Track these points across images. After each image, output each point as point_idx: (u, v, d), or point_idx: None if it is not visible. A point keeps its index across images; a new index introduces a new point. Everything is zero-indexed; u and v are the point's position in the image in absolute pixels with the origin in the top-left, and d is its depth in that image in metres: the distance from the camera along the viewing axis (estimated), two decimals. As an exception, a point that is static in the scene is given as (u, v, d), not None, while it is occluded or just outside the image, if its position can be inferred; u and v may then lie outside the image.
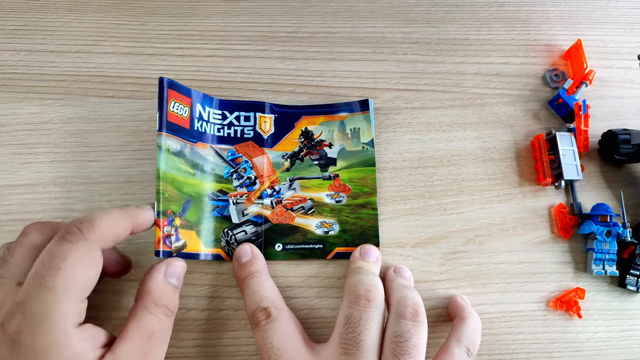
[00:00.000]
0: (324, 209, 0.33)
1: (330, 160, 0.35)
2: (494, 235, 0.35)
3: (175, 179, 0.30)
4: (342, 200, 0.34)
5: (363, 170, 0.34)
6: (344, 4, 0.41)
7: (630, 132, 0.36)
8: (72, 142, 0.34)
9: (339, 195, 0.34)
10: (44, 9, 0.38)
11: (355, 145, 0.35)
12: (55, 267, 0.21)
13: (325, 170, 0.34)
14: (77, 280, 0.21)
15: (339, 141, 0.35)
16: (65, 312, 0.21)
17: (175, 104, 0.30)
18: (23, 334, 0.20)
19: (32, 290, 0.21)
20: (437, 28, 0.41)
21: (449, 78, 0.39)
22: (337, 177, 0.34)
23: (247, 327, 0.31)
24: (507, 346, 0.32)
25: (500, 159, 0.37)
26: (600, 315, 0.34)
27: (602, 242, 0.34)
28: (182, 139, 0.31)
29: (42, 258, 0.22)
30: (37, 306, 0.20)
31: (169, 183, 0.29)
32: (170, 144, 0.30)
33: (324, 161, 0.35)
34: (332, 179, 0.34)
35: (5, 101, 0.35)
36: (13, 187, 0.33)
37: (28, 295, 0.21)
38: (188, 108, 0.32)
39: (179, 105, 0.31)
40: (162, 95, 0.29)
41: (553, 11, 0.42)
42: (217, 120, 0.34)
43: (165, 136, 0.29)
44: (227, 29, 0.39)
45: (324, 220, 0.33)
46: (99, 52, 0.37)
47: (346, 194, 0.34)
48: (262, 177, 0.34)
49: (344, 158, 0.35)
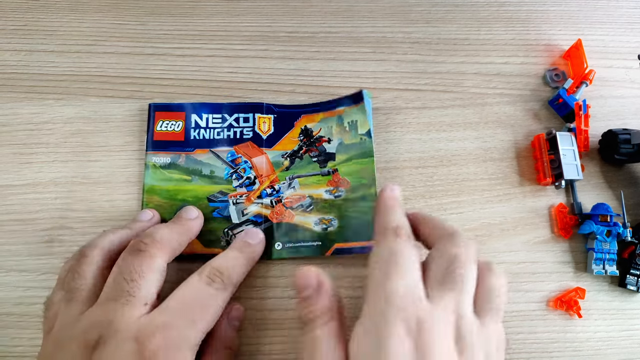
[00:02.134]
0: (323, 205, 0.33)
1: (329, 155, 0.35)
2: (494, 235, 0.35)
3: (164, 189, 0.33)
4: (341, 195, 0.34)
5: (361, 162, 0.34)
6: (344, 3, 0.41)
7: (630, 132, 0.36)
8: (73, 142, 0.34)
9: (338, 190, 0.34)
10: (44, 9, 0.38)
11: (353, 138, 0.35)
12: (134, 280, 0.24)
13: (324, 166, 0.34)
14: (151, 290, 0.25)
15: (338, 135, 0.35)
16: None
17: (164, 124, 0.34)
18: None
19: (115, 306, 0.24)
20: (438, 28, 0.41)
21: (449, 78, 0.39)
22: (335, 172, 0.34)
23: (249, 327, 0.31)
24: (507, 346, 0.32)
25: (501, 159, 0.37)
26: (600, 315, 0.34)
27: (603, 241, 0.34)
28: (173, 152, 0.34)
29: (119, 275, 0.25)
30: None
31: (156, 194, 0.33)
32: (157, 160, 0.33)
33: (322, 157, 0.35)
34: (330, 174, 0.34)
35: (5, 101, 0.35)
36: (13, 187, 0.33)
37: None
38: (182, 122, 0.34)
39: (169, 123, 0.34)
40: (149, 118, 0.34)
41: (553, 11, 0.42)
42: (216, 124, 0.34)
43: (152, 154, 0.33)
44: (227, 29, 0.39)
45: (322, 217, 0.33)
46: (99, 52, 0.37)
47: (345, 189, 0.34)
48: (261, 176, 0.34)
49: (343, 152, 0.35)
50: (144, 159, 0.34)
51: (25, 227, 0.32)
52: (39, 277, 0.31)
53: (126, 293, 0.23)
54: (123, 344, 0.22)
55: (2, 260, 0.31)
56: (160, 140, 0.34)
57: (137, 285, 0.24)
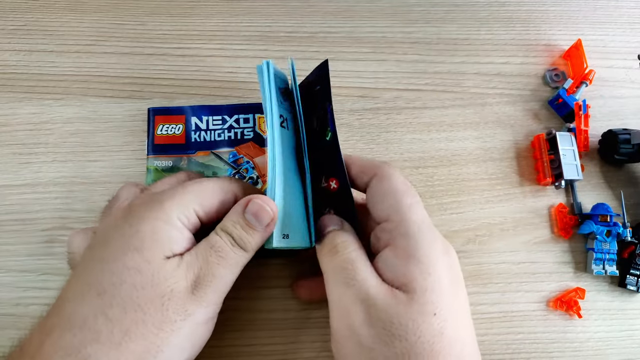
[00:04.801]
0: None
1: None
2: (494, 235, 0.35)
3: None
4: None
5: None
6: (344, 4, 0.41)
7: (630, 132, 0.36)
8: (72, 142, 0.34)
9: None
10: (44, 9, 0.38)
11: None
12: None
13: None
14: (190, 201, 0.24)
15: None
16: (176, 207, 0.23)
17: (164, 127, 0.34)
18: (140, 207, 0.23)
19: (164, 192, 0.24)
20: (438, 28, 0.41)
21: (450, 78, 0.39)
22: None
23: (248, 327, 0.31)
24: (507, 346, 0.32)
25: (501, 159, 0.37)
26: (600, 315, 0.34)
27: (602, 242, 0.34)
28: (175, 155, 0.33)
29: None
30: (159, 196, 0.24)
31: None
32: (159, 164, 0.33)
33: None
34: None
35: (5, 101, 0.35)
36: (13, 187, 0.33)
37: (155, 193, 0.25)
38: (182, 125, 0.34)
39: (170, 126, 0.34)
40: (149, 122, 0.34)
41: (553, 11, 0.42)
42: (217, 125, 0.34)
43: (153, 158, 0.33)
44: (227, 29, 0.39)
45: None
46: (99, 52, 0.37)
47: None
48: (264, 176, 0.34)
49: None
50: (144, 158, 0.34)
51: (25, 227, 0.32)
52: (38, 277, 0.31)
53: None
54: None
55: (2, 261, 0.31)
56: (161, 144, 0.34)
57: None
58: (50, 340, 0.20)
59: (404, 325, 0.21)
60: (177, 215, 0.23)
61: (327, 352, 0.31)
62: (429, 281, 0.22)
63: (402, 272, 0.22)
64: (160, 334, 0.20)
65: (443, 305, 0.22)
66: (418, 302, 0.21)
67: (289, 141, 0.27)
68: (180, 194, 0.24)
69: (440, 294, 0.22)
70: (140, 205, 0.23)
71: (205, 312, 0.22)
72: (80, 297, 0.21)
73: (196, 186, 0.24)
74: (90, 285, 0.21)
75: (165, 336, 0.21)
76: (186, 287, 0.22)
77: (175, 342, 0.21)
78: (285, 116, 0.27)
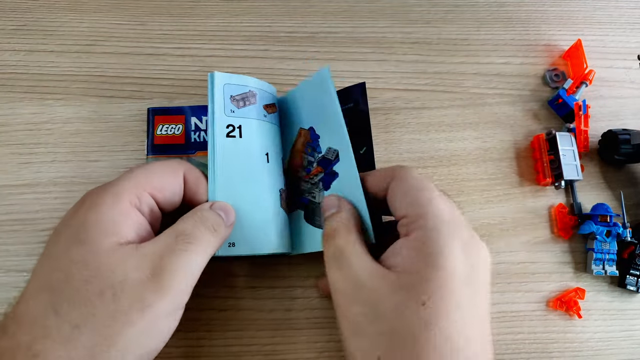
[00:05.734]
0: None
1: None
2: (494, 235, 0.35)
3: None
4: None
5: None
6: (344, 4, 0.41)
7: (630, 132, 0.36)
8: (72, 142, 0.34)
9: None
10: (44, 9, 0.38)
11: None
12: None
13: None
14: (140, 183, 0.24)
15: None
16: (127, 190, 0.23)
17: (163, 127, 0.33)
18: (91, 195, 0.24)
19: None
20: (437, 28, 0.41)
21: (449, 78, 0.39)
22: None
23: (249, 327, 0.31)
24: (507, 346, 0.32)
25: (500, 159, 0.37)
26: (600, 315, 0.34)
27: (602, 242, 0.34)
28: (174, 155, 0.33)
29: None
30: (111, 183, 0.24)
31: None
32: None
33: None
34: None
35: (5, 101, 0.35)
36: (13, 187, 0.33)
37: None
38: (182, 125, 0.34)
39: (169, 126, 0.33)
40: (148, 122, 0.33)
41: (553, 11, 0.42)
42: None
43: (153, 158, 0.33)
44: (227, 29, 0.39)
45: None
46: (99, 52, 0.37)
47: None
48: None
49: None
50: (143, 159, 0.34)
51: (24, 227, 0.32)
52: (38, 277, 0.31)
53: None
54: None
55: (2, 261, 0.31)
56: (161, 144, 0.34)
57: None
58: (4, 340, 0.20)
59: (388, 308, 0.21)
60: (128, 198, 0.23)
61: (328, 352, 0.31)
62: (435, 275, 0.21)
63: (408, 261, 0.22)
64: (113, 326, 0.20)
65: (445, 300, 0.21)
66: (407, 289, 0.21)
67: (245, 150, 0.28)
68: (128, 177, 0.24)
69: (445, 289, 0.21)
70: (91, 194, 0.24)
71: (169, 303, 0.22)
72: (33, 295, 0.21)
73: (143, 168, 0.25)
74: (40, 283, 0.21)
75: (119, 328, 0.20)
76: (142, 277, 0.21)
77: (130, 334, 0.20)
78: (236, 125, 0.29)
